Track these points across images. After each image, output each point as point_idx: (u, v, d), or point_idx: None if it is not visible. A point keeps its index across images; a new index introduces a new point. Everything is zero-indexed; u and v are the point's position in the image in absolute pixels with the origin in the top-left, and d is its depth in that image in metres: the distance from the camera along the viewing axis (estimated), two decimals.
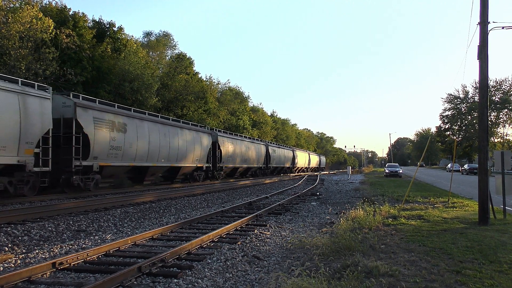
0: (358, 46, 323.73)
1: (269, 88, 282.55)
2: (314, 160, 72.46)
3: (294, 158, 53.66)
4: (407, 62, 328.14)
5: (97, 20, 31.31)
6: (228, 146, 30.07)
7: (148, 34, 42.13)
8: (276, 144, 48.23)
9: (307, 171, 65.57)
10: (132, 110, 19.75)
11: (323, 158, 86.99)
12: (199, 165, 25.47)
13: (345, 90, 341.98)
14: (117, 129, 17.49)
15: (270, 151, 42.33)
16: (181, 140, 22.95)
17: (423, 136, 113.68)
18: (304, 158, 61.96)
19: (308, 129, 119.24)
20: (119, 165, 17.75)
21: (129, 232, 8.67)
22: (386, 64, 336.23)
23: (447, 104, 67.32)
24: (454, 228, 8.48)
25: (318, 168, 76.14)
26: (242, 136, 35.37)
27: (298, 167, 57.97)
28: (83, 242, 7.57)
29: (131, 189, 18.98)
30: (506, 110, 60.02)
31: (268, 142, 44.52)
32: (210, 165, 27.29)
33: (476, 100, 59.26)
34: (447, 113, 67.38)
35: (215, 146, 28.09)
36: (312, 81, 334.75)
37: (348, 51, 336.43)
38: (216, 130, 29.52)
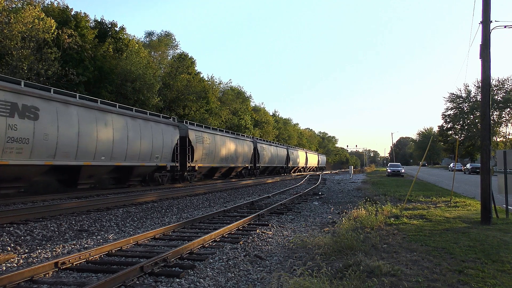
0: (360, 45, 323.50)
1: (271, 88, 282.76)
2: (313, 159, 68.55)
3: (288, 157, 49.13)
4: (410, 62, 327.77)
5: (99, 20, 31.41)
6: (203, 142, 25.54)
7: (150, 34, 42.29)
8: (266, 141, 43.36)
9: (305, 171, 61.76)
10: (52, 90, 14.98)
11: (323, 158, 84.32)
12: (161, 165, 20.92)
13: (347, 89, 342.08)
14: (21, 115, 13.06)
15: (258, 148, 37.56)
16: (132, 132, 18.49)
17: (425, 135, 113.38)
18: (301, 157, 57.62)
19: (310, 128, 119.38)
20: (27, 164, 13.36)
21: (131, 232, 8.68)
22: (388, 64, 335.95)
23: (449, 103, 67.10)
24: (456, 227, 8.44)
25: (318, 168, 73.51)
26: (223, 131, 30.89)
27: (293, 167, 53.32)
28: (85, 242, 7.58)
29: (133, 189, 18.78)
30: (508, 109, 59.79)
31: (256, 138, 40.06)
32: (177, 165, 22.75)
33: (478, 99, 59.06)
34: (449, 112, 67.15)
35: (184, 141, 23.64)
36: (314, 81, 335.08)
37: (350, 50, 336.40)
38: (186, 122, 25.08)
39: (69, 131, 14.99)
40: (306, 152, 62.59)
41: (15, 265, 5.95)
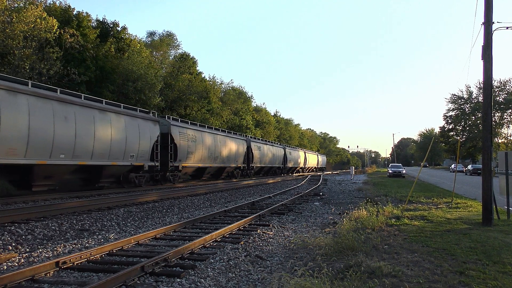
0: (361, 45, 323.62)
1: (272, 88, 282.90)
2: (313, 159, 67.02)
3: (285, 157, 47.48)
4: (411, 62, 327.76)
5: (101, 20, 31.47)
6: (188, 139, 23.83)
7: (151, 34, 42.36)
8: (262, 140, 42.11)
9: (304, 172, 60.08)
10: None
11: (324, 158, 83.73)
12: (137, 164, 19.13)
13: (349, 90, 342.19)
14: None
15: (252, 147, 35.93)
16: (101, 127, 16.61)
17: (427, 136, 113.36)
18: (299, 157, 56.07)
19: (311, 129, 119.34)
20: None
21: (132, 232, 8.68)
22: (390, 64, 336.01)
23: (451, 104, 67.09)
24: (457, 228, 8.42)
25: (318, 169, 72.80)
26: (212, 128, 29.13)
27: (291, 168, 51.75)
28: (86, 241, 7.59)
29: (134, 189, 18.87)
30: (510, 110, 59.68)
31: (250, 137, 38.57)
32: (156, 164, 20.97)
33: (480, 100, 58.94)
34: (450, 113, 67.12)
35: (166, 138, 22.06)
36: (315, 81, 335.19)
37: (351, 50, 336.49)
38: (169, 118, 23.59)
39: (17, 125, 12.86)
40: (305, 152, 61.24)
41: (16, 264, 5.96)
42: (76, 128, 15.32)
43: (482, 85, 9.85)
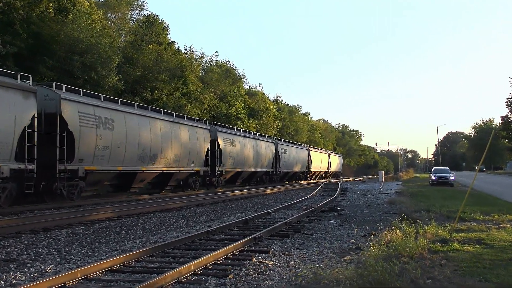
0: (395, 10, 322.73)
1: (272, 67, 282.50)
2: (320, 160, 65.08)
3: (278, 157, 45.82)
4: (461, 33, 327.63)
5: None
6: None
7: None
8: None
9: (305, 178, 58.05)
10: None
11: (339, 159, 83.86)
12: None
13: (376, 71, 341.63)
14: None
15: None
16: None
17: (484, 130, 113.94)
18: (300, 158, 54.40)
19: (325, 120, 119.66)
20: None
21: (78, 262, 8.70)
22: (432, 36, 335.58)
23: None
24: None
25: (329, 174, 73.03)
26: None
27: (285, 172, 49.96)
28: (12, 276, 7.48)
29: (85, 202, 18.74)
30: None
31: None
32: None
33: None
34: None
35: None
36: (331, 59, 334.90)
37: (380, 20, 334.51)
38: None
39: None
40: (308, 150, 59.50)
41: None
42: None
43: None
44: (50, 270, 7.95)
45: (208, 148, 30.42)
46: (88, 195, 21.70)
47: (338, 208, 19.27)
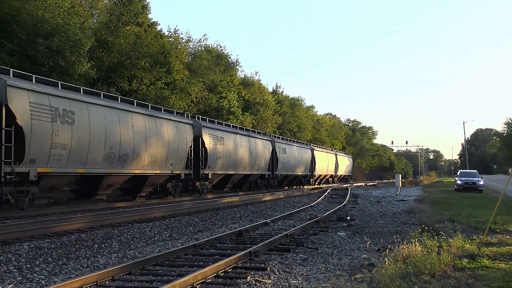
0: None
1: (271, 53, 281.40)
2: (326, 161, 62.42)
3: (275, 158, 43.13)
4: (491, 14, 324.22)
5: None
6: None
7: None
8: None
9: (308, 183, 55.30)
10: None
11: (348, 160, 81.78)
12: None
13: (393, 60, 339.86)
14: None
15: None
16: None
17: None
18: (302, 159, 51.75)
19: (333, 115, 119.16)
20: None
21: (42, 281, 8.59)
22: (461, 23, 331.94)
23: None
24: None
25: (335, 178, 70.70)
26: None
27: (284, 176, 47.27)
28: None
29: (52, 211, 18.56)
30: None
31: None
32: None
33: None
34: None
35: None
36: (340, 47, 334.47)
37: (401, 6, 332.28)
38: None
39: None
40: (312, 150, 57.70)
41: None
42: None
43: None
44: None
45: (191, 147, 28.09)
46: (43, 203, 20.51)
47: (348, 217, 19.12)
